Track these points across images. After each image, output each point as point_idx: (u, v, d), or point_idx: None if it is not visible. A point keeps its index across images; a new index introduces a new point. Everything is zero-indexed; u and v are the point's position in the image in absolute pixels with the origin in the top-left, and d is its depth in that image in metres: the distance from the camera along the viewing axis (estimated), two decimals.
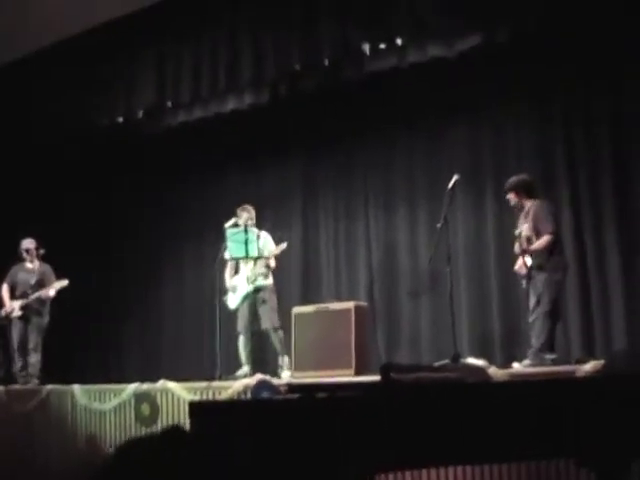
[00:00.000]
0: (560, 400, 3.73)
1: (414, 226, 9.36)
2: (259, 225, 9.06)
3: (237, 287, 8.67)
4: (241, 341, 8.68)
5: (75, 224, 11.65)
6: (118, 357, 11.57)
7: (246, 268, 8.67)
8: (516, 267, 7.39)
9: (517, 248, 7.31)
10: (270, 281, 8.72)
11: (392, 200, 9.58)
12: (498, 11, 7.43)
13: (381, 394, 3.78)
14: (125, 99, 9.57)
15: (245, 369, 8.49)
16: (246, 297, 8.62)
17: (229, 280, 8.81)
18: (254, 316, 8.65)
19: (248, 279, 8.58)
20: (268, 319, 8.56)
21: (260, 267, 8.58)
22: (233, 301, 8.69)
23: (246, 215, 8.76)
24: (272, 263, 8.67)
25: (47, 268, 9.82)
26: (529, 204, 7.32)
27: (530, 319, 7.12)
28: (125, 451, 2.55)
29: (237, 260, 8.71)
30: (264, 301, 8.59)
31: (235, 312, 8.82)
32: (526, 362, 6.98)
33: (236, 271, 8.89)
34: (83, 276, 11.23)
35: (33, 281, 9.69)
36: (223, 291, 8.81)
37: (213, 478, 3.29)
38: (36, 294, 9.59)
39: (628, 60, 7.80)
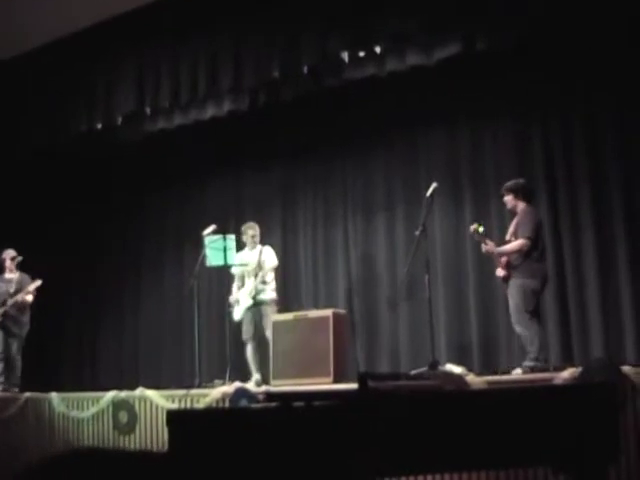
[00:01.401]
0: (536, 408, 3.76)
1: (392, 234, 9.38)
2: (237, 231, 9.07)
3: (240, 300, 8.74)
4: (249, 350, 8.73)
5: (52, 233, 11.59)
6: (96, 365, 11.49)
7: (249, 282, 8.73)
8: (497, 271, 7.37)
9: (483, 247, 7.30)
10: (271, 296, 8.76)
11: (371, 208, 9.60)
12: (478, 20, 7.46)
13: (359, 402, 3.79)
14: (104, 105, 9.51)
15: (256, 377, 8.49)
16: (248, 309, 8.68)
17: (235, 293, 8.88)
18: (257, 326, 8.69)
19: (250, 293, 8.65)
20: (268, 329, 8.55)
21: (259, 282, 8.64)
22: (237, 313, 8.77)
23: (251, 232, 8.91)
24: (268, 278, 8.74)
25: (25, 277, 9.76)
26: (521, 208, 7.26)
27: (514, 326, 7.08)
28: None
29: (242, 275, 8.83)
30: (264, 314, 8.65)
31: (228, 323, 8.91)
32: (527, 363, 6.83)
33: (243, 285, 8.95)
34: (61, 285, 11.17)
35: (12, 290, 9.64)
36: (228, 304, 8.91)
37: None
38: (13, 299, 9.53)
39: (606, 70, 7.87)
